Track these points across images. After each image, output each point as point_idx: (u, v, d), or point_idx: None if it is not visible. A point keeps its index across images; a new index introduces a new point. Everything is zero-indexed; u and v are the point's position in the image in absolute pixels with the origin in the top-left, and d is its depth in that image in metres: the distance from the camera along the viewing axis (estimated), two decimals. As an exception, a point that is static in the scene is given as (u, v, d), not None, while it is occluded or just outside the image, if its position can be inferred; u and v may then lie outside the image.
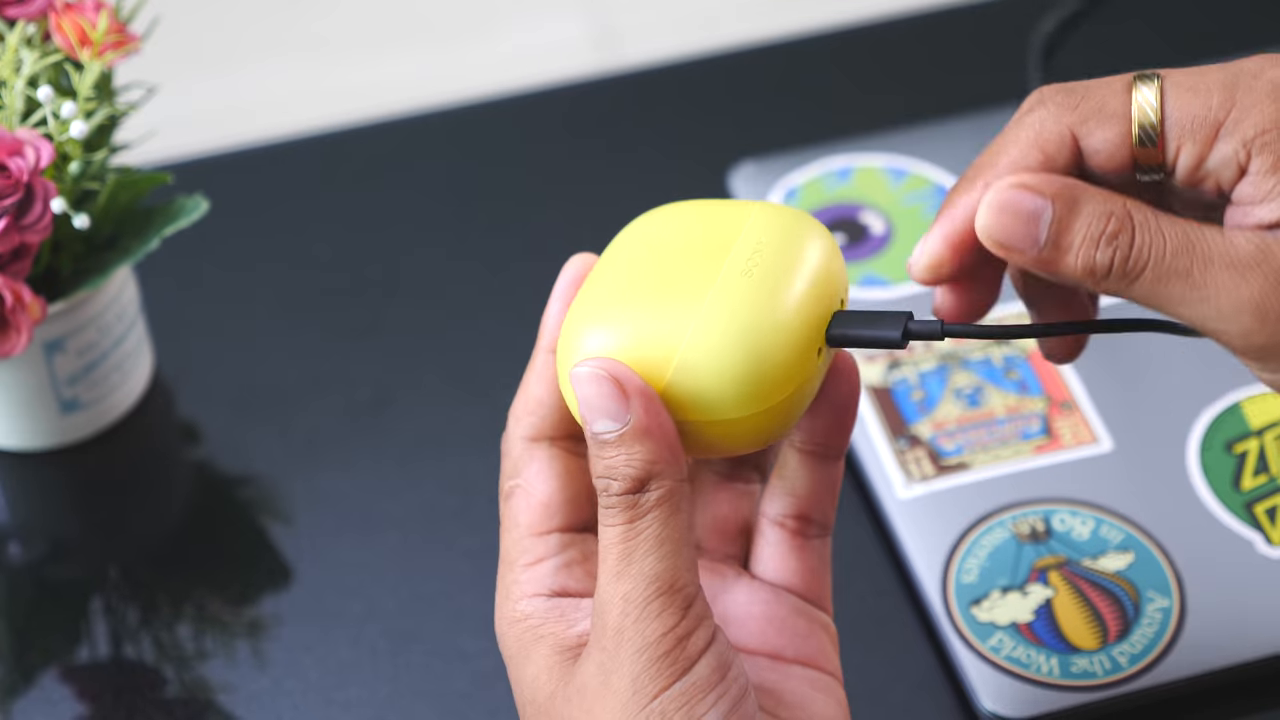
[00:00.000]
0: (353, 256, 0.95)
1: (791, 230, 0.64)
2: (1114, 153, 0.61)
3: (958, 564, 0.79)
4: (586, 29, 1.88)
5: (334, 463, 0.87)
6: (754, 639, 0.65)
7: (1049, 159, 0.61)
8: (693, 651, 0.60)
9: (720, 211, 0.66)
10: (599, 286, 0.64)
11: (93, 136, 0.81)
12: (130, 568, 0.84)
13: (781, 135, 0.99)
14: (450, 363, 0.91)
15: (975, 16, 1.06)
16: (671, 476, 0.60)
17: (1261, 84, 0.60)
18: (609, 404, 0.60)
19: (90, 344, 0.84)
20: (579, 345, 0.63)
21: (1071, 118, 0.61)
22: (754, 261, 0.63)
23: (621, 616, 0.60)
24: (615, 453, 0.60)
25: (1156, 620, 0.77)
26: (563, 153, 1.00)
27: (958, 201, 0.62)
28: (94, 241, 0.83)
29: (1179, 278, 0.59)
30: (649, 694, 0.59)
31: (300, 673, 0.80)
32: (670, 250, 0.64)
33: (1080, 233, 0.60)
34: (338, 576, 0.83)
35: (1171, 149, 0.60)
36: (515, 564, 0.65)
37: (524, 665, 0.63)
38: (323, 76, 1.85)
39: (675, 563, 0.60)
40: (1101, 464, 0.82)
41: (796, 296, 0.62)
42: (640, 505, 0.60)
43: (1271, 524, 0.80)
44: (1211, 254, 0.59)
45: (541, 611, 0.64)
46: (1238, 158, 0.60)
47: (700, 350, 0.61)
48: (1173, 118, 0.60)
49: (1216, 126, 0.60)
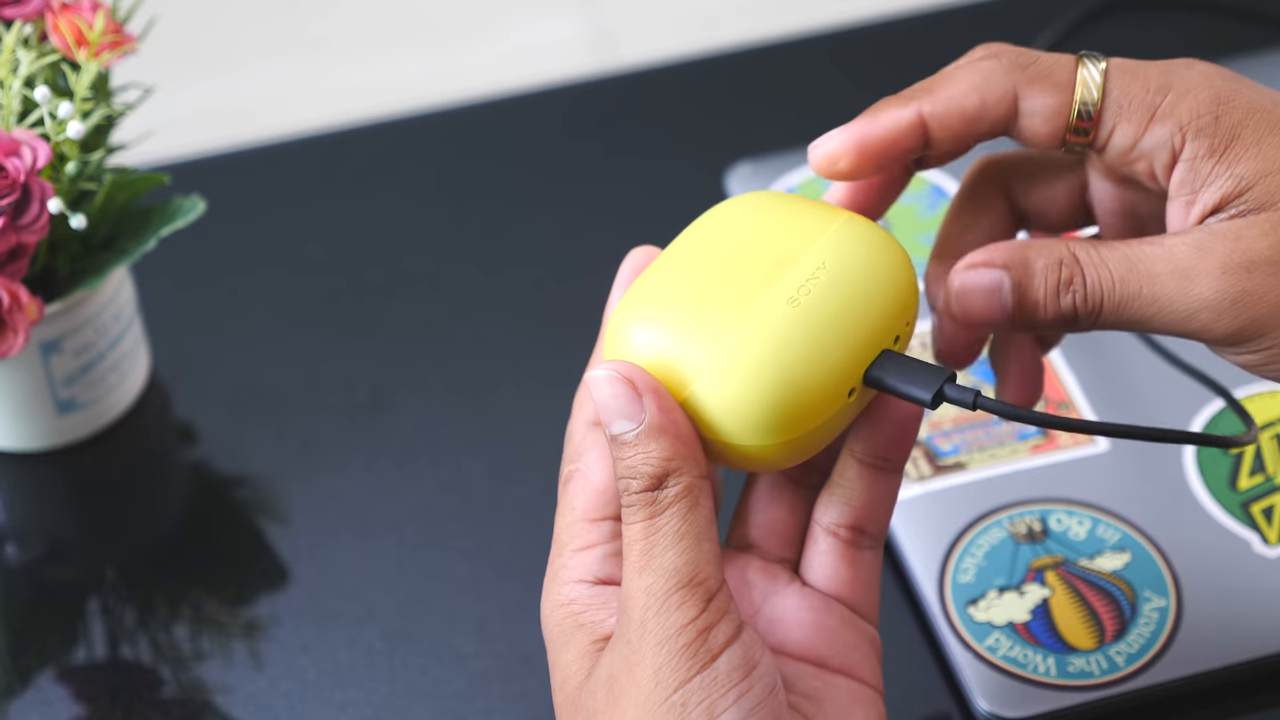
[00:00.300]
0: (350, 257, 0.95)
1: (862, 256, 0.63)
2: (1050, 118, 0.64)
3: (954, 564, 0.79)
4: (583, 30, 1.88)
5: (331, 464, 0.87)
6: (801, 645, 0.66)
7: (985, 108, 0.64)
8: (715, 645, 0.60)
9: (800, 218, 0.64)
10: (650, 284, 0.64)
11: (90, 137, 0.81)
12: (127, 568, 0.84)
13: (778, 136, 0.99)
14: (447, 364, 0.91)
15: (973, 16, 1.06)
16: (689, 472, 0.61)
17: (1194, 74, 0.63)
18: (624, 405, 0.61)
19: (87, 344, 0.84)
20: (614, 344, 0.63)
21: (1019, 76, 0.64)
22: (808, 288, 0.62)
23: (644, 610, 0.60)
24: (633, 452, 0.61)
25: (1153, 620, 0.77)
26: (560, 153, 1.00)
27: (882, 113, 0.65)
28: (91, 242, 0.83)
29: (1132, 300, 0.62)
30: (670, 686, 0.60)
31: (297, 673, 0.80)
32: (731, 255, 0.63)
33: (1040, 290, 0.63)
34: (335, 577, 0.83)
35: (1106, 126, 0.63)
36: (566, 548, 0.65)
37: (561, 651, 0.64)
38: (320, 77, 1.85)
39: (695, 556, 0.60)
40: (1098, 464, 0.82)
41: (837, 336, 0.62)
42: (659, 502, 0.61)
43: (1268, 524, 0.80)
44: (1155, 269, 0.62)
45: (585, 598, 0.64)
46: (1172, 141, 0.62)
47: (721, 377, 0.62)
48: (1112, 95, 0.63)
49: (1153, 110, 0.62)
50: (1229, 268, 0.61)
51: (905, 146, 0.64)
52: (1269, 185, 0.61)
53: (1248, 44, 1.01)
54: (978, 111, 0.64)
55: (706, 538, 0.61)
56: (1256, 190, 0.61)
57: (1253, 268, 0.61)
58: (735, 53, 1.05)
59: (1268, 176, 0.61)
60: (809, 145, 0.65)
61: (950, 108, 0.64)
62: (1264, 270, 0.61)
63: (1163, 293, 0.61)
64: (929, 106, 0.64)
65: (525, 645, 0.80)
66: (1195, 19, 1.04)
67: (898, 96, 0.64)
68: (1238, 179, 0.62)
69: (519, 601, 0.81)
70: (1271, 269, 0.61)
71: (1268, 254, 0.61)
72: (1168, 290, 0.61)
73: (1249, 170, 0.61)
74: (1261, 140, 0.62)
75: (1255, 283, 0.61)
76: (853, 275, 0.63)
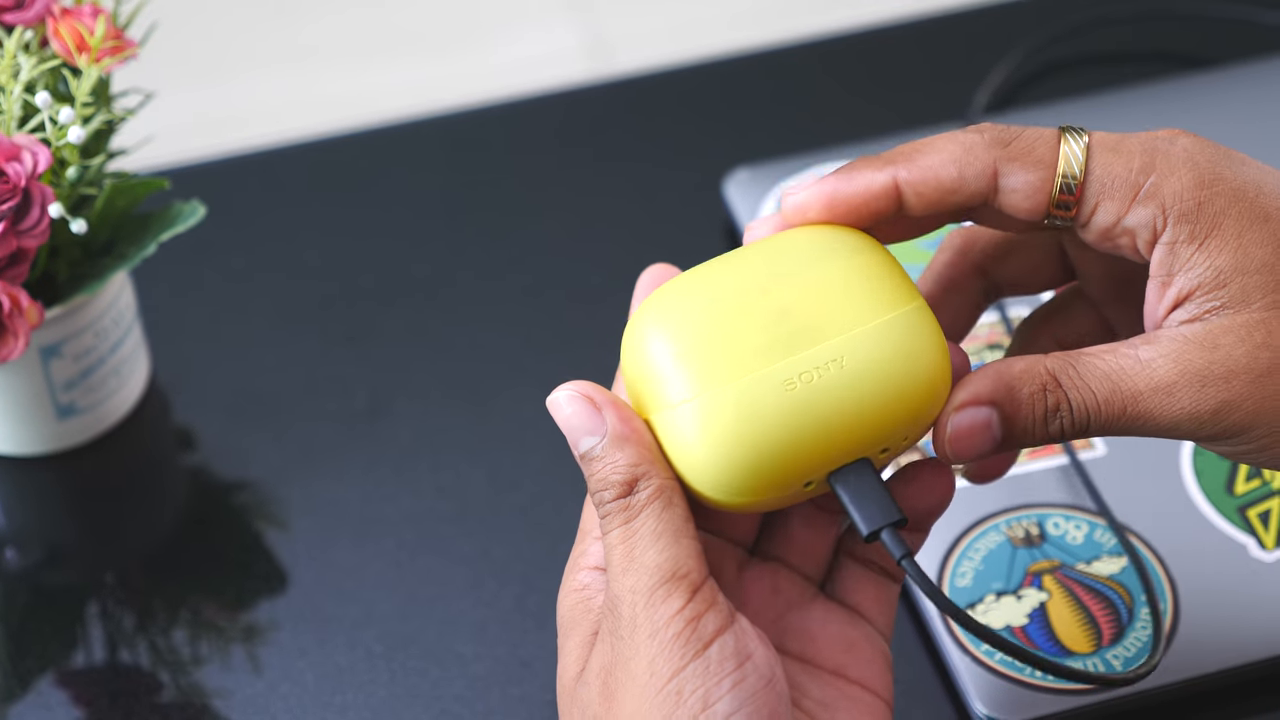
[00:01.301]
0: (348, 263, 0.96)
1: (884, 365, 0.62)
2: (1031, 194, 0.63)
3: (952, 568, 0.79)
4: (579, 39, 1.88)
5: (329, 468, 0.87)
6: (823, 654, 0.67)
7: (962, 180, 0.63)
8: (705, 634, 0.61)
9: (857, 290, 0.63)
10: (682, 294, 0.64)
11: (90, 142, 0.81)
12: (126, 573, 0.84)
13: (776, 143, 0.99)
14: (444, 369, 0.91)
15: (970, 22, 1.06)
16: (658, 475, 0.62)
17: (1176, 152, 0.62)
18: (585, 421, 0.63)
19: (87, 349, 0.84)
20: (626, 341, 0.64)
21: (999, 152, 0.63)
22: (813, 376, 0.62)
23: (631, 607, 0.61)
24: (600, 465, 0.63)
25: (1151, 624, 0.77)
26: (555, 161, 1.01)
27: (858, 173, 0.64)
28: (91, 247, 0.83)
29: (1117, 419, 0.62)
30: (664, 675, 0.61)
31: (296, 677, 0.80)
32: (767, 298, 0.63)
33: (1028, 419, 0.63)
34: (333, 581, 0.83)
35: (1089, 203, 0.63)
36: (588, 535, 0.66)
37: (569, 636, 0.65)
38: (317, 86, 1.85)
39: (675, 552, 0.62)
40: (1095, 468, 0.82)
41: (818, 434, 0.62)
42: (632, 506, 0.62)
43: (1264, 528, 0.80)
44: (1137, 387, 0.62)
45: (598, 584, 0.65)
46: (1155, 223, 0.62)
47: (690, 421, 0.62)
48: (1095, 174, 0.63)
49: (1136, 189, 0.62)
50: (1208, 380, 0.61)
51: (877, 209, 0.64)
52: (1246, 285, 0.61)
53: (1208, 58, 1.02)
54: (955, 184, 0.63)
55: (684, 534, 0.62)
56: (1233, 288, 0.61)
57: (1231, 378, 0.61)
58: (732, 59, 1.05)
59: (1245, 275, 0.61)
60: (783, 189, 0.65)
61: (926, 176, 0.63)
62: (1242, 379, 0.61)
63: (1146, 410, 0.62)
64: (905, 173, 0.63)
65: (524, 648, 0.80)
66: (1165, 29, 1.05)
67: (876, 158, 0.64)
68: (1216, 271, 0.62)
69: (517, 605, 0.82)
70: (1249, 376, 0.61)
71: (1245, 361, 0.61)
72: (1150, 408, 0.62)
73: (1227, 265, 0.61)
74: (1242, 234, 0.61)
75: (1234, 392, 0.61)
76: (863, 383, 0.62)
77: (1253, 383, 0.61)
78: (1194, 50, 1.04)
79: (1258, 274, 0.61)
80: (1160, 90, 0.99)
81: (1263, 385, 0.61)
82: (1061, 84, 1.02)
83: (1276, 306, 0.61)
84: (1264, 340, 0.61)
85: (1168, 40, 1.05)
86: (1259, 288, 0.61)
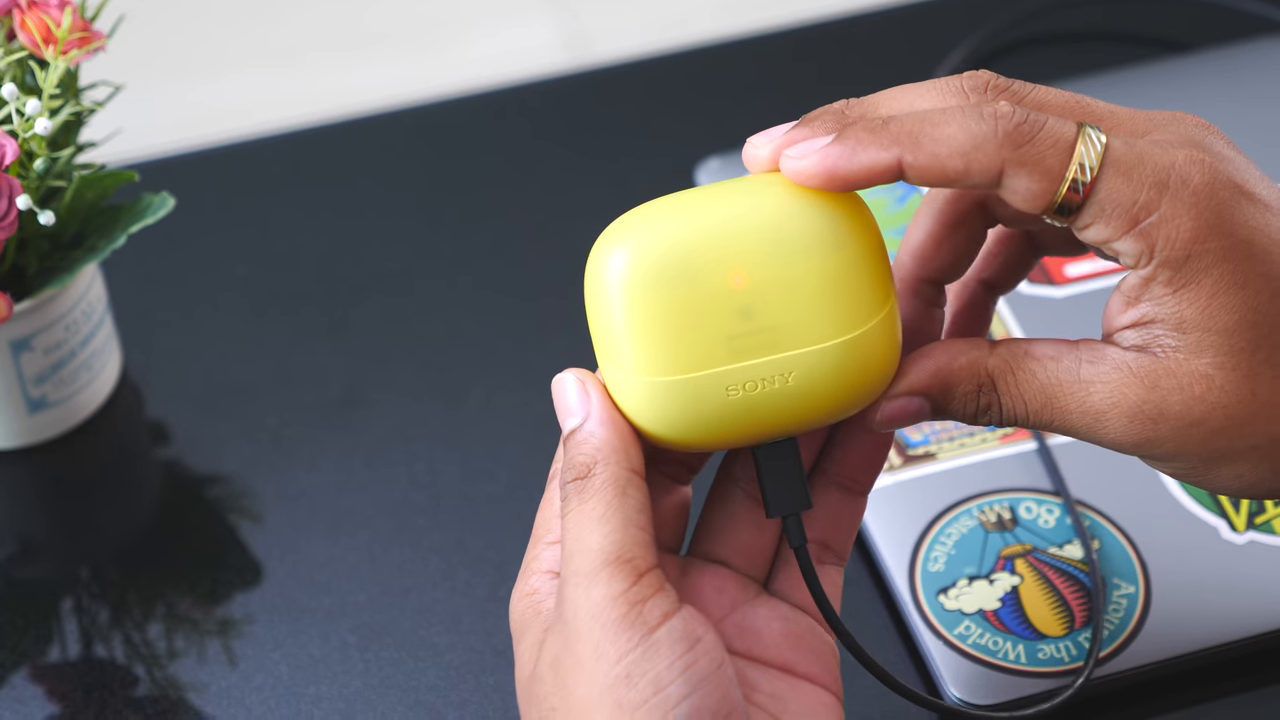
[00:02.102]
0: (321, 254, 0.95)
1: (837, 386, 0.63)
2: (1030, 200, 0.62)
3: (925, 553, 0.79)
4: (557, 33, 1.88)
5: (303, 460, 0.87)
6: (769, 650, 0.67)
7: (967, 175, 0.62)
8: (651, 618, 0.61)
9: (826, 295, 0.63)
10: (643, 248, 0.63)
11: (58, 134, 0.81)
12: (100, 567, 0.84)
13: (748, 130, 0.98)
14: (419, 360, 0.91)
15: (943, 9, 1.06)
16: (616, 463, 0.63)
17: (1188, 193, 0.62)
18: (572, 403, 0.65)
19: (58, 342, 0.84)
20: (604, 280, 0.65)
21: (1011, 154, 0.62)
22: (758, 386, 0.63)
23: (574, 589, 0.62)
24: (573, 445, 0.64)
25: (1122, 607, 0.77)
26: (530, 150, 1.00)
27: (862, 150, 0.62)
28: (60, 239, 0.83)
29: (1044, 427, 0.65)
30: (610, 658, 0.61)
31: (270, 668, 0.80)
32: (734, 292, 0.63)
33: (957, 412, 0.65)
34: (307, 573, 0.83)
35: (1084, 219, 0.62)
36: (540, 540, 0.66)
37: (521, 638, 0.65)
38: (291, 81, 1.85)
39: (621, 538, 0.62)
40: (1067, 451, 0.82)
41: (746, 433, 0.64)
42: (585, 490, 0.63)
43: (1235, 510, 0.80)
44: (1069, 408, 0.64)
45: (547, 588, 0.65)
46: (1140, 258, 0.62)
47: (628, 393, 0.64)
48: (1098, 197, 0.62)
49: (1134, 223, 0.62)
50: (1137, 417, 0.63)
51: (875, 183, 0.63)
52: (1201, 340, 0.62)
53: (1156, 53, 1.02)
54: (959, 176, 0.62)
55: (635, 524, 0.63)
56: (1190, 339, 0.62)
57: (1160, 420, 0.63)
58: (703, 49, 1.05)
59: (1204, 332, 0.62)
60: (777, 146, 0.64)
61: (933, 164, 0.62)
62: (1170, 423, 0.63)
63: (1073, 428, 0.64)
64: (911, 157, 0.62)
65: (498, 638, 0.80)
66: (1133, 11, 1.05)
67: (879, 129, 0.62)
68: (1180, 318, 0.62)
69: (491, 595, 0.82)
70: (1177, 424, 0.63)
71: (1177, 409, 0.62)
72: (1077, 427, 0.64)
73: (1192, 318, 0.62)
74: (1216, 295, 0.62)
75: (1159, 432, 0.63)
76: (804, 400, 0.63)
77: (1179, 429, 0.63)
78: (1164, 34, 1.04)
79: (1217, 334, 0.62)
80: (1126, 75, 0.99)
81: (1188, 432, 0.63)
82: (1030, 65, 1.02)
83: (1223, 368, 0.62)
84: (1202, 394, 0.62)
85: (1135, 24, 1.05)
86: (1212, 346, 0.62)
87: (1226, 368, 0.62)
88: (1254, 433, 0.63)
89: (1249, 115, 0.96)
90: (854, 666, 0.70)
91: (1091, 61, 1.01)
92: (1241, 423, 0.62)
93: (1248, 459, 0.63)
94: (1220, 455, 0.63)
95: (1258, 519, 0.80)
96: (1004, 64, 1.03)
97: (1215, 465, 0.64)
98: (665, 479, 0.68)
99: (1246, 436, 0.63)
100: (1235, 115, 0.96)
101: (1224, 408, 0.62)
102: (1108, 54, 1.03)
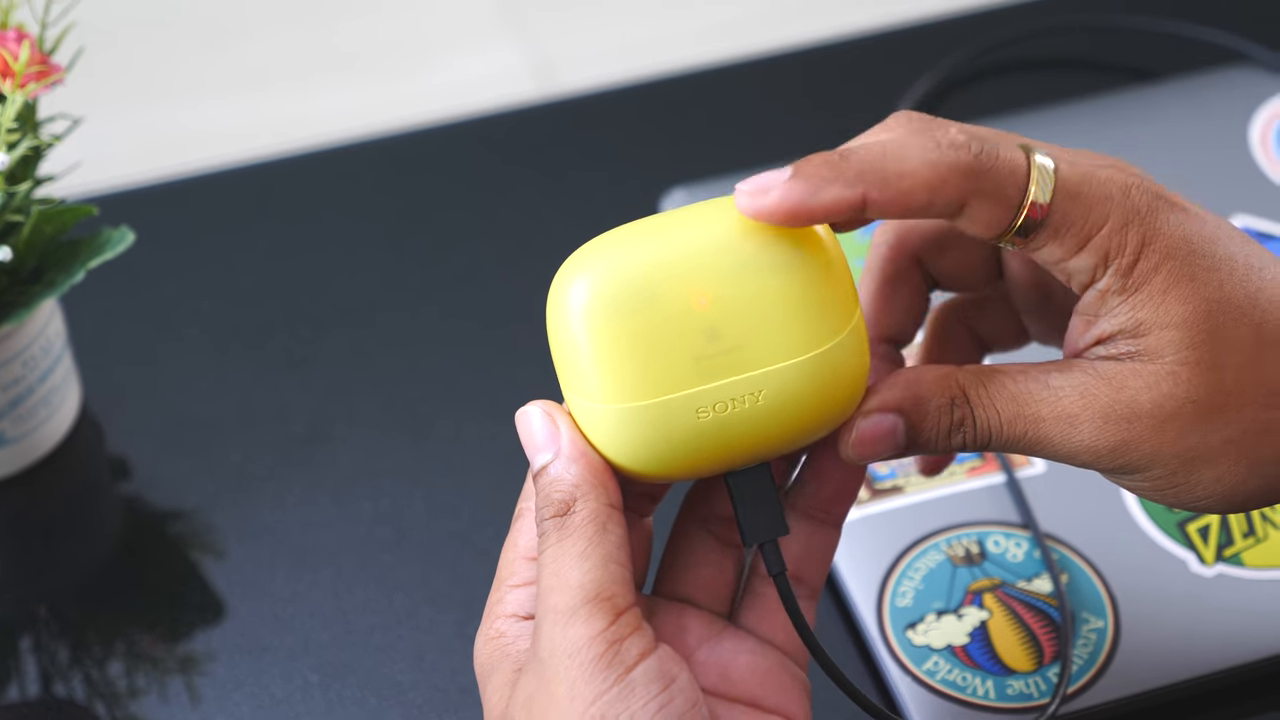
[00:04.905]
0: (284, 288, 0.95)
1: (808, 401, 0.63)
2: (990, 226, 0.64)
3: (892, 588, 0.79)
4: (522, 60, 1.88)
5: (266, 496, 0.86)
6: (737, 687, 0.66)
7: (930, 208, 0.63)
8: (629, 658, 0.61)
9: (791, 312, 0.63)
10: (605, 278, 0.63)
11: (16, 168, 0.80)
12: (60, 605, 0.83)
13: (713, 160, 0.99)
14: (383, 395, 0.90)
15: (907, 40, 1.06)
16: (596, 499, 0.63)
17: (1128, 207, 0.64)
18: (542, 439, 0.64)
19: (16, 378, 0.84)
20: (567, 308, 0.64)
21: (971, 186, 0.63)
22: (728, 406, 0.63)
23: (552, 626, 0.61)
24: (545, 483, 0.64)
25: (1091, 641, 0.77)
26: (495, 180, 1.00)
27: (827, 187, 0.62)
28: (18, 275, 0.82)
29: (1018, 440, 0.65)
30: (586, 699, 0.60)
31: (232, 708, 0.79)
32: (699, 313, 0.63)
33: (931, 430, 0.65)
34: (270, 610, 0.82)
35: (1039, 240, 0.64)
36: (504, 583, 0.66)
37: (487, 682, 0.65)
38: (258, 110, 1.84)
39: (601, 575, 0.62)
40: (1035, 485, 0.82)
41: (717, 457, 0.63)
42: (565, 527, 0.63)
43: (1204, 543, 0.80)
44: (1041, 413, 0.64)
45: (514, 631, 0.65)
46: (1094, 271, 0.64)
47: (596, 424, 0.63)
48: (1053, 219, 0.64)
49: (1086, 240, 0.64)
50: (1110, 418, 0.64)
51: (838, 218, 0.64)
52: (1161, 339, 0.63)
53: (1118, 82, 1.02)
54: (922, 209, 0.63)
55: (615, 561, 0.62)
56: (1149, 339, 0.64)
57: (1133, 419, 0.64)
58: (667, 79, 1.05)
59: (1162, 330, 0.63)
60: (740, 184, 0.63)
61: (897, 200, 0.63)
62: (1144, 422, 0.64)
63: (1046, 436, 0.64)
64: (876, 193, 0.63)
65: (463, 676, 0.79)
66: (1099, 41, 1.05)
67: (842, 165, 0.63)
68: (1137, 322, 0.64)
69: (456, 633, 0.81)
70: (1151, 421, 0.63)
71: (1149, 408, 0.63)
72: (1051, 435, 0.64)
73: (1148, 318, 0.64)
74: (1167, 291, 0.63)
75: (1134, 433, 0.64)
76: (776, 418, 0.63)
77: (1153, 427, 0.63)
78: (1131, 63, 1.04)
79: (1174, 329, 0.63)
80: (1094, 104, 0.99)
81: (1162, 430, 0.63)
82: (996, 94, 1.02)
83: (1186, 363, 0.63)
84: (1169, 391, 0.63)
85: (1103, 52, 1.05)
86: (1172, 343, 0.63)
87: (1190, 362, 0.63)
88: (1226, 424, 0.63)
89: (1215, 144, 0.96)
90: (823, 700, 0.69)
91: (1059, 90, 1.01)
92: (1212, 415, 0.63)
93: (1224, 457, 0.64)
94: (1196, 456, 0.64)
95: (1226, 551, 0.80)
96: (969, 92, 1.03)
97: (1193, 469, 0.64)
98: (629, 512, 0.67)
99: (1219, 429, 0.63)
100: (1202, 144, 0.96)
101: (1193, 401, 0.63)
102: (1075, 83, 1.03)
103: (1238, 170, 0.95)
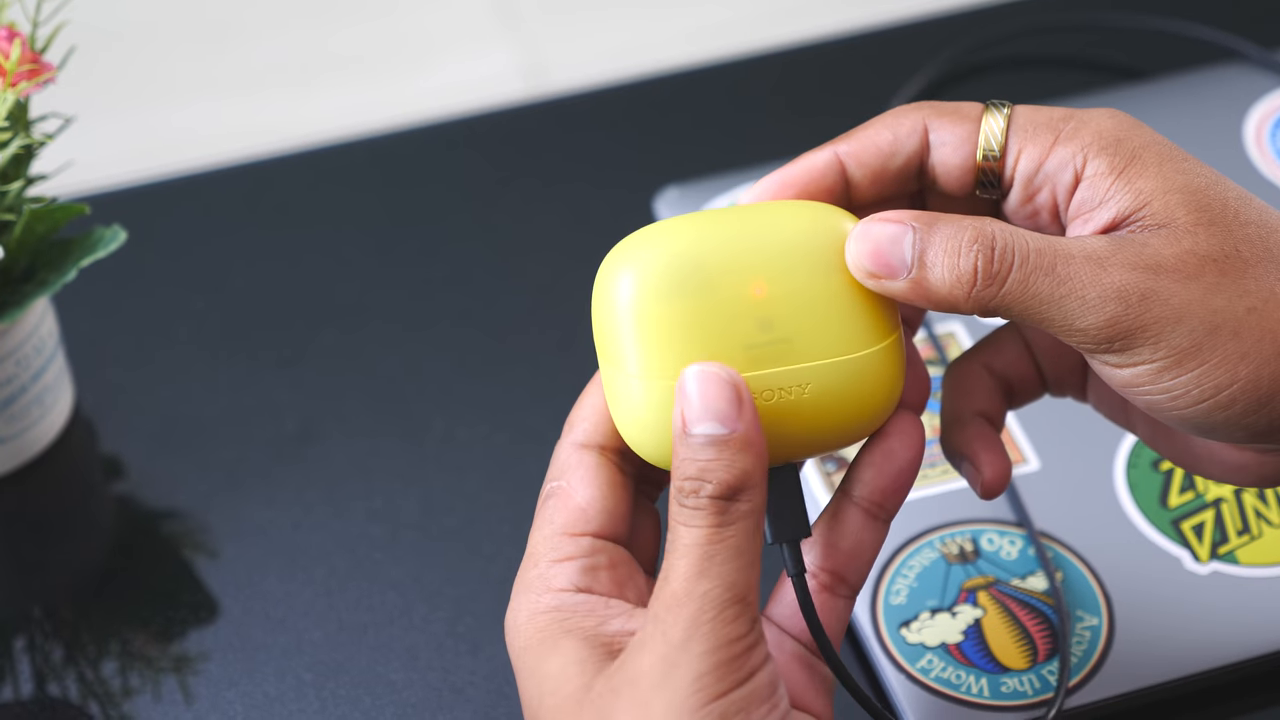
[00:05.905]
0: (276, 288, 0.95)
1: (850, 401, 0.64)
2: (958, 146, 0.65)
3: (886, 585, 0.79)
4: (515, 62, 1.88)
5: (259, 495, 0.86)
6: None
7: (897, 141, 0.66)
8: (754, 663, 0.61)
9: (842, 311, 0.64)
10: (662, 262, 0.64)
11: (8, 167, 0.80)
12: (53, 605, 0.83)
13: (705, 160, 0.99)
14: (375, 394, 0.90)
15: (898, 39, 1.06)
16: (761, 496, 0.62)
17: (1096, 111, 0.65)
18: (724, 407, 0.62)
19: (8, 378, 0.83)
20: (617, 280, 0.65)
21: (929, 113, 0.66)
22: (774, 396, 0.63)
23: (699, 613, 0.61)
24: (715, 455, 0.61)
25: (1085, 639, 0.77)
26: (488, 180, 1.00)
27: (802, 158, 0.66)
28: (10, 274, 0.82)
29: (1044, 273, 0.62)
30: (711, 694, 0.60)
31: (225, 707, 0.79)
32: (755, 303, 0.63)
33: (942, 245, 0.63)
34: (263, 610, 0.82)
35: (1013, 151, 0.65)
36: (542, 560, 0.65)
37: (546, 658, 0.63)
38: (249, 111, 1.84)
39: (749, 576, 0.61)
40: (1029, 482, 0.82)
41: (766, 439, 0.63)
42: (729, 512, 0.61)
43: (1199, 540, 0.80)
44: (1071, 251, 0.62)
45: (571, 605, 0.64)
46: (1075, 162, 0.64)
47: (638, 399, 0.63)
48: (1018, 122, 0.65)
49: (1057, 133, 0.64)
50: (1138, 266, 0.62)
51: (824, 184, 0.66)
52: (1168, 202, 0.63)
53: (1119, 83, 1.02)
54: (891, 145, 0.66)
55: (757, 563, 0.62)
56: (1155, 206, 0.63)
57: (1160, 271, 0.62)
58: (660, 79, 1.05)
59: (1167, 194, 0.63)
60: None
61: (865, 144, 0.66)
62: (1170, 275, 0.62)
63: (1075, 273, 0.62)
64: (844, 146, 0.66)
65: (456, 675, 0.79)
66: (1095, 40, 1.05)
67: (815, 149, 0.67)
68: (1137, 193, 0.63)
69: (449, 631, 0.81)
70: (1177, 275, 0.62)
71: (1173, 262, 0.62)
72: (1080, 272, 0.62)
73: (1149, 186, 0.63)
74: (1162, 163, 0.63)
75: (1162, 284, 0.62)
76: (817, 413, 0.64)
77: (1178, 281, 0.62)
78: (1122, 60, 1.04)
79: (1179, 194, 0.63)
80: (1084, 101, 0.99)
81: (1187, 287, 0.62)
82: (987, 92, 1.02)
83: (1200, 222, 0.63)
84: (1190, 246, 0.62)
85: (1094, 50, 1.05)
86: (1181, 204, 0.63)
87: (1204, 222, 0.62)
88: (1247, 292, 0.62)
89: (1209, 143, 0.96)
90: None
91: (1051, 89, 1.01)
92: (1234, 277, 0.62)
93: (1249, 330, 0.62)
94: (1222, 323, 0.62)
95: (1220, 549, 0.80)
96: (961, 91, 1.03)
97: (1218, 337, 0.62)
98: (640, 496, 0.68)
99: (1242, 297, 0.62)
100: (1195, 142, 0.96)
101: (1214, 260, 0.62)
102: (1068, 81, 1.03)
103: (1232, 168, 0.95)
